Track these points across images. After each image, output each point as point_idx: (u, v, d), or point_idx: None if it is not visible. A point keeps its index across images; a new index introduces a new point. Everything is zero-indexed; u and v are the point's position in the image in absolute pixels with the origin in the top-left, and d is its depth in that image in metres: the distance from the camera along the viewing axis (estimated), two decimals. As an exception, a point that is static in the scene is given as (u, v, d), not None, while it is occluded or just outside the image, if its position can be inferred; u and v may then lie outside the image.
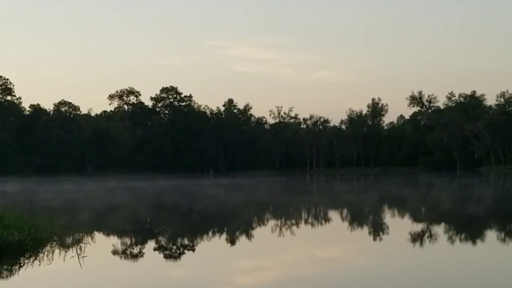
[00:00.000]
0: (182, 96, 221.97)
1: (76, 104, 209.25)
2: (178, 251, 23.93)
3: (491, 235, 27.68)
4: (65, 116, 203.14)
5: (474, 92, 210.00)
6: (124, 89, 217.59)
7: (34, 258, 20.62)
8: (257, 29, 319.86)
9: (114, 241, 27.25)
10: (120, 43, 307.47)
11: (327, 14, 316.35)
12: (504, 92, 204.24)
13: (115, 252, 23.20)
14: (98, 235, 29.56)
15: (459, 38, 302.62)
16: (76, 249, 22.28)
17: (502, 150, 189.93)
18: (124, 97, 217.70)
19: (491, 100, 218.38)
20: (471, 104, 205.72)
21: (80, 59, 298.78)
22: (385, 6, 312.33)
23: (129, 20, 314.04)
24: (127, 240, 27.62)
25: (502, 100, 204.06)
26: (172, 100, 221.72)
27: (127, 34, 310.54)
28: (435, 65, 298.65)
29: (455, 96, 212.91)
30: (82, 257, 20.79)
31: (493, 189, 74.38)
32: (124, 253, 23.13)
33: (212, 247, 25.12)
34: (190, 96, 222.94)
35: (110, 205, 51.72)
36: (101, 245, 25.47)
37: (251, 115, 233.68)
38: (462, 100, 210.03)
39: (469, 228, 30.22)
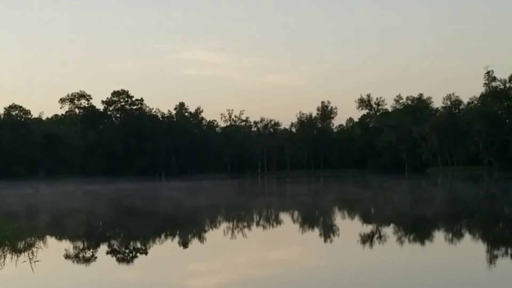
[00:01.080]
0: (134, 99, 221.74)
1: (27, 108, 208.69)
2: (131, 255, 23.99)
3: (442, 236, 28.47)
4: (16, 120, 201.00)
5: (421, 95, 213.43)
6: (75, 92, 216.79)
7: (-15, 263, 20.37)
8: (208, 33, 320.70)
9: (67, 245, 27.03)
10: (70, 47, 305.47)
11: (277, 17, 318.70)
12: (450, 94, 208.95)
13: (67, 257, 23.14)
14: (51, 240, 29.35)
15: (406, 41, 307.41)
16: (28, 254, 22.12)
17: (449, 152, 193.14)
18: (75, 101, 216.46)
19: (437, 103, 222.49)
20: (418, 107, 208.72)
21: (31, 63, 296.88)
22: (335, 10, 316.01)
23: (79, 24, 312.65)
24: (80, 244, 27.61)
25: (449, 102, 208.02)
26: (123, 103, 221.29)
27: (77, 38, 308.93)
28: (383, 68, 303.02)
29: (402, 99, 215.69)
30: (34, 261, 20.69)
31: (440, 191, 75.64)
32: (77, 257, 23.11)
33: (166, 250, 25.28)
34: (142, 100, 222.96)
35: (72, 209, 51.16)
36: (54, 250, 25.36)
37: (202, 118, 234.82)
38: (410, 103, 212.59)
39: (418, 229, 30.89)
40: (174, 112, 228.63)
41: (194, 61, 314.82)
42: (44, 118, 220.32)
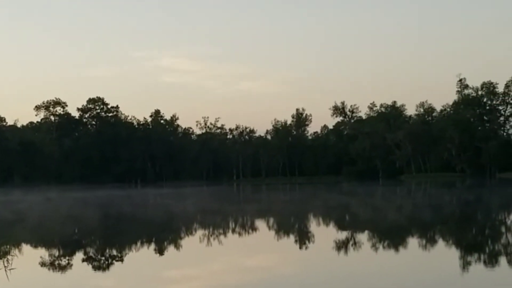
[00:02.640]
0: (109, 107, 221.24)
1: (2, 116, 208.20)
2: (108, 262, 23.91)
3: (417, 242, 28.95)
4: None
5: (395, 102, 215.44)
6: (50, 100, 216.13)
7: (-41, 271, 20.28)
8: (183, 40, 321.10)
9: (43, 253, 26.94)
10: (45, 54, 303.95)
11: (252, 25, 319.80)
12: (423, 102, 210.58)
13: (43, 264, 23.04)
14: (27, 247, 29.39)
15: (380, 49, 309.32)
16: (4, 261, 22.03)
17: (422, 159, 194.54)
18: (51, 108, 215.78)
19: (411, 110, 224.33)
20: (392, 114, 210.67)
21: (5, 70, 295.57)
22: (308, 17, 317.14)
23: (54, 31, 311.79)
24: (56, 252, 27.38)
25: (422, 110, 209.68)
26: (99, 111, 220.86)
27: (53, 45, 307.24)
28: (357, 75, 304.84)
29: (376, 107, 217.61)
30: (10, 269, 20.61)
31: (415, 197, 76.34)
32: (53, 265, 23.03)
33: (143, 257, 25.17)
34: (117, 107, 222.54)
35: (51, 215, 50.48)
36: (30, 257, 25.33)
37: (178, 125, 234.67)
38: (384, 110, 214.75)
39: (392, 236, 31.42)
40: (149, 119, 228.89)
41: (169, 68, 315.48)
42: (19, 125, 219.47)
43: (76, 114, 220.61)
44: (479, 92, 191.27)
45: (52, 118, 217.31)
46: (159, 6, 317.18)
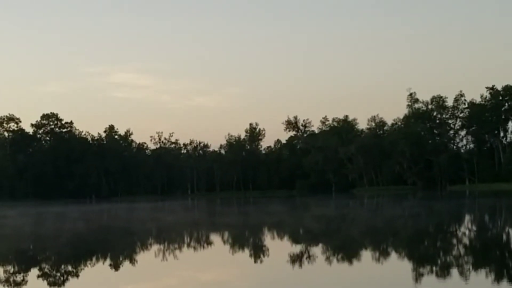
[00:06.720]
0: (63, 122, 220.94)
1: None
2: (62, 278, 23.79)
3: (370, 254, 29.24)
4: None
5: (347, 116, 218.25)
6: (4, 116, 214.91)
7: None
8: (135, 55, 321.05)
9: None
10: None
11: (205, 40, 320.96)
12: (374, 116, 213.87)
13: None
14: None
15: (331, 63, 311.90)
16: None
17: (374, 172, 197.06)
18: (4, 124, 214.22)
19: (362, 124, 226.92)
20: (344, 128, 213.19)
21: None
22: (260, 32, 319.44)
23: (6, 46, 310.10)
24: (10, 268, 27.15)
25: (373, 124, 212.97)
26: (53, 126, 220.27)
27: (5, 60, 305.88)
28: (309, 90, 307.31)
29: (328, 121, 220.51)
30: None
31: (367, 210, 77.61)
32: (8, 282, 22.76)
33: (98, 273, 25.07)
34: (71, 123, 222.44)
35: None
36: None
37: (132, 140, 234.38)
38: (336, 125, 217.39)
39: (346, 248, 31.76)
40: (104, 134, 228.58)
41: (123, 83, 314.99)
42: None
43: (30, 130, 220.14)
44: (429, 106, 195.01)
45: (6, 134, 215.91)
46: (110, 21, 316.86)
